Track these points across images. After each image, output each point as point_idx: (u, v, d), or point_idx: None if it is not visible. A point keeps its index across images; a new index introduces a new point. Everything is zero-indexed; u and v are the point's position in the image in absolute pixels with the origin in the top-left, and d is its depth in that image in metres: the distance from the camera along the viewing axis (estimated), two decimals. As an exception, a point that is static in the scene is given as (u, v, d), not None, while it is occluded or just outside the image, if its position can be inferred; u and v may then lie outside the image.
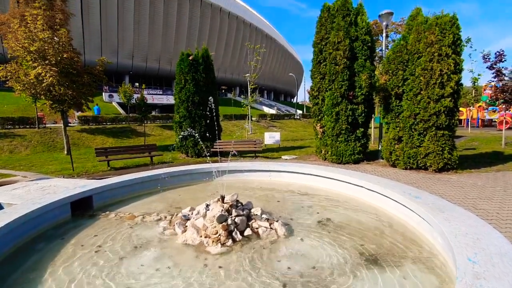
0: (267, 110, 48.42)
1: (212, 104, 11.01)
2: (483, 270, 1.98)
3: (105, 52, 40.47)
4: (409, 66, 8.49)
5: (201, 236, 3.28)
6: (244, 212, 3.67)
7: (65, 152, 14.10)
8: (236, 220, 3.42)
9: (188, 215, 3.84)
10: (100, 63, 14.45)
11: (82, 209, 4.48)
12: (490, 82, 14.53)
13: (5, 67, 12.46)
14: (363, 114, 9.87)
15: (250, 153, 12.44)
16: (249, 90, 22.55)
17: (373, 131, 16.67)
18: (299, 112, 47.67)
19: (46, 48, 11.80)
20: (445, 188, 6.38)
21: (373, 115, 11.65)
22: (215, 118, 13.38)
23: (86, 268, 2.80)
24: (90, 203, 4.66)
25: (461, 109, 29.81)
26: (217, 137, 12.89)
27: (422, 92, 7.99)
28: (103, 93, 35.91)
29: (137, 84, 44.37)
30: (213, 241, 3.14)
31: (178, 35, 49.01)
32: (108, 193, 4.98)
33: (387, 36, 22.32)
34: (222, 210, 3.47)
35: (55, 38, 12.29)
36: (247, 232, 3.39)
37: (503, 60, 12.20)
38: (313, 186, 5.75)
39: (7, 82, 12.70)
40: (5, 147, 15.23)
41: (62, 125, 14.60)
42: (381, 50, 19.89)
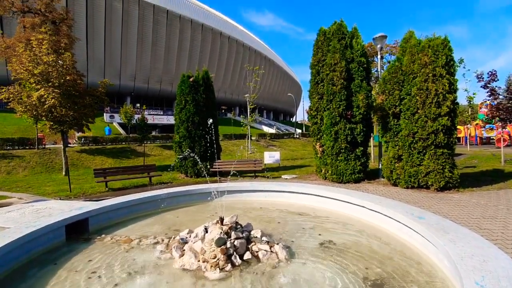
0: (267, 130, 48.75)
1: (212, 125, 11.10)
2: (494, 296, 1.89)
3: (108, 74, 41.47)
4: (405, 86, 8.66)
5: (199, 261, 3.17)
6: (244, 235, 3.57)
7: (63, 173, 13.99)
8: (236, 243, 3.32)
9: (186, 238, 3.73)
10: (102, 85, 14.73)
11: (77, 232, 4.36)
12: (486, 101, 14.77)
13: (8, 89, 12.67)
14: (362, 133, 9.92)
15: (250, 173, 12.35)
16: (249, 110, 22.84)
17: (373, 150, 16.68)
18: (299, 131, 47.97)
19: (50, 71, 12.07)
20: (448, 208, 6.28)
21: (372, 134, 11.72)
22: (215, 138, 13.42)
23: (78, 296, 2.67)
24: (86, 226, 4.54)
25: (459, 127, 30.07)
26: (217, 157, 12.86)
27: (419, 111, 8.09)
28: (104, 114, 36.29)
29: (138, 105, 45.09)
30: (212, 266, 3.03)
31: (180, 58, 50.44)
32: (104, 216, 4.87)
33: (382, 58, 23.03)
34: (221, 233, 3.37)
35: (59, 62, 12.61)
36: (247, 256, 3.28)
37: (496, 80, 12.49)
38: (314, 207, 5.65)
39: (9, 104, 12.86)
40: (3, 168, 15.13)
41: (62, 146, 14.61)
42: (377, 71, 20.43)
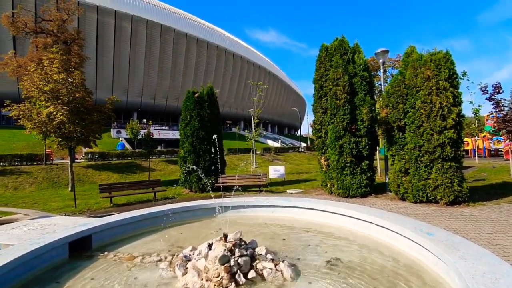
0: (272, 144, 48.80)
1: (216, 140, 11.17)
2: (511, 319, 1.79)
3: (116, 91, 42.53)
4: (409, 100, 8.66)
5: (202, 279, 3.10)
6: (248, 252, 3.50)
7: (69, 189, 14.07)
8: (239, 261, 3.25)
9: (190, 256, 3.67)
10: (110, 102, 15.07)
11: (81, 249, 4.33)
12: (492, 113, 14.63)
13: (18, 107, 13.04)
14: (367, 147, 9.85)
15: (255, 188, 12.27)
16: (253, 125, 23.00)
17: (379, 163, 16.49)
18: (303, 145, 47.88)
19: (60, 89, 12.43)
20: (459, 223, 6.09)
21: (378, 147, 11.63)
22: (219, 153, 13.46)
23: (79, 317, 2.61)
24: (89, 243, 4.51)
25: (467, 140, 29.70)
26: (222, 172, 12.84)
27: (424, 124, 8.04)
28: (111, 130, 36.87)
29: (145, 120, 45.78)
30: (215, 285, 2.95)
31: (186, 74, 51.61)
32: (108, 232, 4.84)
33: (385, 71, 23.16)
34: (225, 250, 3.31)
35: (69, 80, 13.01)
36: (251, 275, 3.20)
37: (501, 92, 12.43)
38: (320, 222, 5.54)
39: (19, 121, 13.19)
40: (10, 184, 15.30)
41: (69, 162, 14.79)
42: (380, 84, 20.53)
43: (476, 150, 27.69)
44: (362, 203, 8.37)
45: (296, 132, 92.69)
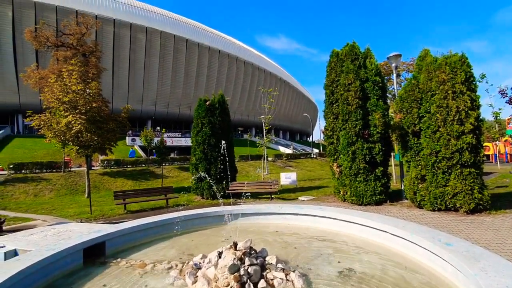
0: (283, 150, 48.56)
1: (225, 147, 11.23)
2: None
3: (131, 100, 43.85)
4: (423, 104, 8.43)
5: (212, 288, 3.07)
6: (258, 261, 3.45)
7: (86, 195, 14.47)
8: (249, 270, 3.20)
9: (200, 264, 3.66)
10: (125, 111, 15.52)
11: (95, 256, 4.41)
12: (513, 116, 14.01)
13: (39, 117, 13.65)
14: (381, 153, 9.61)
15: (266, 194, 12.19)
16: (264, 131, 23.02)
17: (394, 169, 16.04)
18: (316, 151, 47.35)
19: (78, 99, 12.94)
20: (479, 232, 5.80)
21: (393, 153, 11.33)
22: (231, 160, 13.51)
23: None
24: (103, 249, 4.59)
25: (487, 144, 28.49)
26: (233, 179, 12.86)
27: (441, 129, 7.78)
28: (127, 137, 37.87)
29: (159, 128, 46.76)
30: (225, 294, 2.92)
31: (198, 82, 52.60)
32: (121, 239, 4.92)
33: (399, 75, 22.77)
34: (235, 259, 3.28)
35: (87, 90, 13.53)
36: (261, 284, 3.14)
37: (523, 94, 11.91)
38: (333, 231, 5.41)
39: (40, 130, 13.78)
40: (31, 191, 15.91)
41: (86, 169, 15.25)
42: (394, 89, 20.14)
43: (498, 155, 26.46)
44: (377, 211, 8.13)
45: (308, 138, 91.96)
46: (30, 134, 37.80)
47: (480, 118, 7.63)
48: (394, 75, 11.74)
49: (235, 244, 3.60)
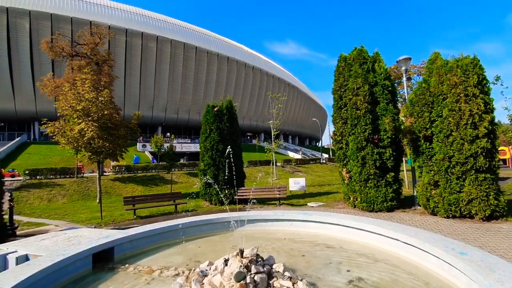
0: (292, 155, 48.32)
1: (231, 152, 11.26)
2: None
3: (142, 107, 44.81)
4: (435, 108, 8.25)
5: (218, 296, 3.04)
6: (265, 269, 3.40)
7: (97, 201, 14.73)
8: (256, 278, 3.15)
9: (206, 271, 3.63)
10: (135, 117, 15.83)
11: (104, 261, 4.45)
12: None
13: (54, 124, 14.09)
14: (392, 158, 9.41)
15: (274, 200, 12.10)
16: (273, 136, 23.00)
17: (406, 175, 15.66)
18: (325, 156, 46.88)
19: (90, 107, 13.30)
20: (496, 240, 5.55)
21: (405, 158, 11.07)
22: (239, 165, 13.51)
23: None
24: (111, 255, 4.63)
25: (504, 148, 27.51)
26: (241, 184, 12.84)
27: (454, 134, 7.57)
28: (138, 143, 38.56)
29: (169, 134, 47.47)
30: (230, 303, 2.88)
31: (207, 89, 53.30)
32: (129, 244, 4.96)
33: (410, 79, 22.38)
34: (241, 266, 3.24)
35: (99, 98, 13.90)
36: (268, 293, 3.09)
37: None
38: (342, 238, 5.29)
39: (54, 137, 14.20)
40: (45, 196, 16.33)
41: (97, 175, 15.57)
42: (404, 92, 19.80)
43: (516, 160, 25.49)
44: (388, 218, 7.93)
45: (318, 143, 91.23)
46: (46, 141, 39.01)
47: (495, 122, 7.40)
48: (404, 79, 11.55)
49: (242, 251, 3.56)
